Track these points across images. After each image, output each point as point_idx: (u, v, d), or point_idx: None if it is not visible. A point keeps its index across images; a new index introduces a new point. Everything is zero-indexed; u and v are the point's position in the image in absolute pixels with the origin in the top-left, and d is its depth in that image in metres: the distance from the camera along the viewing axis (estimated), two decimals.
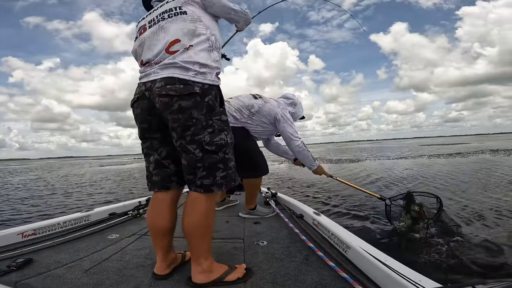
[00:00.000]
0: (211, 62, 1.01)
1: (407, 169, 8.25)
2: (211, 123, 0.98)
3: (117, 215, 2.01)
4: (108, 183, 9.29)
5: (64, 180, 11.00)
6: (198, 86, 0.96)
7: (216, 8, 1.08)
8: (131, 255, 1.31)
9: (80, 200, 5.76)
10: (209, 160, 0.98)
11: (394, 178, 6.56)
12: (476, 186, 5.01)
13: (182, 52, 0.97)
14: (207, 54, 1.01)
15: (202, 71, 0.98)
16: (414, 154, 14.81)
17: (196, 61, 0.97)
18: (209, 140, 0.97)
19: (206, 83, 0.98)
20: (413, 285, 0.82)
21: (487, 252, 2.26)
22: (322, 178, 2.84)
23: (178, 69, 0.96)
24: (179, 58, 0.96)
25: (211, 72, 1.00)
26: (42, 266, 1.17)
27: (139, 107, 1.04)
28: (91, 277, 1.08)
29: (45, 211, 4.69)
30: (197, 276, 1.01)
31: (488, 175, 6.20)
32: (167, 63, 0.96)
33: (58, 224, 1.70)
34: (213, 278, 1.01)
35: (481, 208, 3.55)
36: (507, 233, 2.68)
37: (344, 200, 4.70)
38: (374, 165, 10.27)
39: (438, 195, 2.32)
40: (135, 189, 7.19)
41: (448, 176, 6.34)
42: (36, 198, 6.24)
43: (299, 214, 1.88)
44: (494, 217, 3.16)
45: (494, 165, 8.14)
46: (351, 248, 1.19)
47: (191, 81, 0.95)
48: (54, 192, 7.18)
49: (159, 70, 0.98)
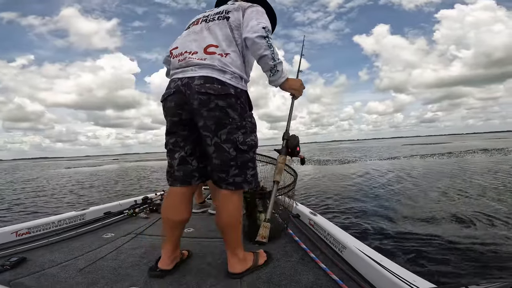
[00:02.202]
0: (243, 73, 1.08)
1: (428, 170, 7.67)
2: (244, 124, 1.05)
3: (113, 214, 2.00)
4: (49, 193, 7.29)
5: (7, 188, 9.28)
6: (233, 88, 1.03)
7: None
8: (127, 254, 1.30)
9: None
10: (242, 159, 1.04)
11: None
12: (479, 188, 5.05)
13: (220, 57, 1.04)
14: (241, 65, 1.08)
15: (236, 76, 1.05)
16: (406, 154, 14.67)
17: (231, 69, 1.04)
18: (242, 140, 1.04)
19: (239, 87, 1.05)
20: (407, 285, 0.82)
21: (481, 254, 2.29)
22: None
23: (216, 71, 1.02)
24: (217, 62, 1.02)
25: (242, 80, 1.08)
26: (36, 265, 1.16)
27: (173, 100, 1.06)
28: (86, 276, 1.07)
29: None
30: (236, 266, 1.09)
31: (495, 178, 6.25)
32: (205, 63, 1.02)
33: (52, 223, 1.69)
34: (248, 265, 1.11)
35: (481, 210, 3.59)
36: (502, 236, 2.71)
37: (340, 200, 4.73)
38: (374, 166, 10.07)
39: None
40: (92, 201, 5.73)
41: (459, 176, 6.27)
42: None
43: (295, 214, 1.88)
44: (492, 219, 3.20)
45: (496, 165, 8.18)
46: (347, 248, 1.19)
47: (228, 83, 1.02)
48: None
49: (197, 69, 1.03)
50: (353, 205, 4.33)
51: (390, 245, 2.58)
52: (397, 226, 3.17)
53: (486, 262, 2.13)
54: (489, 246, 2.42)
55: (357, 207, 4.14)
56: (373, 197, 4.72)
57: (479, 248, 2.40)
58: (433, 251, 2.40)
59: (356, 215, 3.70)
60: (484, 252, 2.31)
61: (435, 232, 2.83)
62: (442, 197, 4.44)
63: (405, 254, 2.37)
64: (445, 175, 6.53)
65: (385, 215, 3.63)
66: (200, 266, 1.16)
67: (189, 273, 1.10)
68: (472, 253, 2.31)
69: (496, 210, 3.45)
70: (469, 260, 2.17)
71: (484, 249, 2.36)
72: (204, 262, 1.20)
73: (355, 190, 5.46)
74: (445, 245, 2.52)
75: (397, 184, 5.79)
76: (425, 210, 3.74)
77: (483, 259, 2.20)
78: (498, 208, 3.52)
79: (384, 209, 3.91)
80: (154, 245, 1.42)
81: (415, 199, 4.39)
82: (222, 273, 1.09)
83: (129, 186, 8.26)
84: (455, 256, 2.26)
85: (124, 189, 7.50)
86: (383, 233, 2.95)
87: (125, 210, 2.06)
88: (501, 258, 2.18)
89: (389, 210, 3.87)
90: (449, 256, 2.27)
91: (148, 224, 1.79)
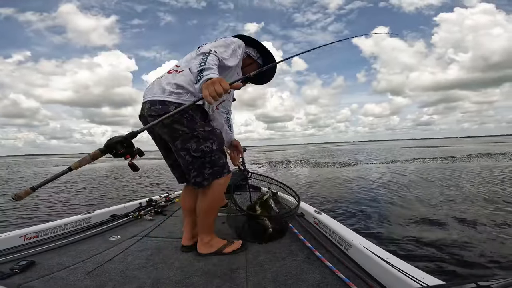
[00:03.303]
0: (191, 87, 1.15)
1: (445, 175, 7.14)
2: (196, 134, 1.16)
3: (118, 217, 2.01)
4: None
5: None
6: (174, 105, 1.12)
7: None
8: (133, 256, 1.31)
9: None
10: (197, 164, 1.19)
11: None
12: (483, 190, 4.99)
13: (169, 74, 1.20)
14: (186, 78, 1.16)
15: (178, 92, 1.14)
16: (407, 158, 14.13)
17: (172, 85, 1.15)
18: (195, 147, 1.17)
19: (180, 102, 1.13)
20: (415, 282, 0.82)
21: (490, 251, 2.26)
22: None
23: (159, 91, 1.16)
24: (163, 80, 1.19)
25: (188, 93, 1.15)
26: (44, 268, 1.17)
27: (142, 123, 1.25)
28: (94, 279, 1.08)
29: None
30: (200, 248, 1.30)
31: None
32: (153, 87, 1.20)
33: (59, 226, 1.70)
34: (212, 250, 1.29)
35: (489, 209, 3.56)
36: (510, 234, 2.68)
37: (345, 198, 4.71)
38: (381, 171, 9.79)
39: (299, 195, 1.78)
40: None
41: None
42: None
43: (300, 212, 1.87)
44: (502, 218, 3.17)
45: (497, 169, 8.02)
46: (352, 246, 1.19)
47: (167, 101, 1.13)
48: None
49: (148, 94, 1.20)
50: (359, 201, 4.32)
51: (396, 242, 2.57)
52: (404, 227, 3.15)
53: (498, 259, 2.11)
54: (502, 245, 2.39)
55: (363, 204, 4.12)
56: (386, 200, 4.56)
57: (492, 244, 2.37)
58: (441, 247, 2.38)
59: (362, 213, 3.68)
60: (497, 248, 2.28)
61: (443, 232, 2.81)
62: (450, 200, 4.40)
63: (412, 251, 2.35)
64: (452, 179, 6.37)
65: (393, 216, 3.60)
66: (206, 267, 1.16)
67: (195, 274, 1.10)
68: (484, 249, 2.28)
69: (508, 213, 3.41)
70: (479, 257, 2.15)
71: (497, 246, 2.33)
72: (210, 263, 1.21)
73: (364, 193, 5.37)
74: (454, 241, 2.49)
75: (405, 187, 5.62)
76: (435, 211, 3.70)
77: (494, 255, 2.17)
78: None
79: (393, 211, 3.86)
80: (160, 247, 1.43)
81: (427, 201, 4.31)
82: (228, 273, 1.10)
83: (111, 192, 6.81)
84: (465, 253, 2.24)
85: (102, 196, 6.14)
86: (389, 229, 2.93)
87: (130, 212, 2.07)
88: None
89: (397, 211, 3.84)
90: (459, 252, 2.25)
91: (153, 226, 1.80)
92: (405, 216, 3.42)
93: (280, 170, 10.89)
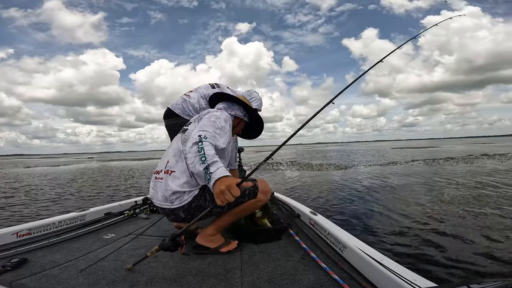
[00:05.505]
0: (192, 179, 1.21)
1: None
2: (211, 210, 1.19)
3: (113, 215, 2.00)
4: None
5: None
6: (181, 209, 1.22)
7: None
8: (127, 254, 1.30)
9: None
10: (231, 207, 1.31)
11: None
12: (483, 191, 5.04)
13: (161, 183, 1.27)
14: (190, 175, 1.21)
15: (180, 192, 1.21)
16: (406, 160, 13.99)
17: (171, 191, 1.21)
18: (220, 210, 1.27)
19: (185, 203, 1.21)
20: (408, 284, 0.82)
21: (482, 253, 2.29)
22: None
23: (164, 201, 1.24)
24: (163, 188, 1.26)
25: (192, 188, 1.21)
26: (37, 266, 1.16)
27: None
28: (87, 277, 1.07)
29: None
30: (200, 239, 1.31)
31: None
32: (159, 196, 1.28)
33: (53, 224, 1.68)
34: (209, 245, 1.30)
35: (483, 212, 3.60)
36: (503, 235, 2.71)
37: (341, 200, 4.73)
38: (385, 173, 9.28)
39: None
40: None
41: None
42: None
43: (296, 213, 1.88)
44: (493, 221, 3.21)
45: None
46: (347, 247, 1.19)
47: (174, 209, 1.22)
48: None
49: (153, 193, 1.33)
50: (355, 203, 4.34)
51: (390, 243, 2.59)
52: (399, 229, 3.17)
53: (489, 261, 2.14)
54: (492, 246, 2.42)
55: (358, 206, 4.15)
56: (381, 202, 4.62)
57: (484, 247, 2.40)
58: (434, 249, 2.40)
59: (358, 214, 3.71)
60: (485, 252, 2.31)
61: (436, 234, 2.84)
62: (446, 201, 4.45)
63: (406, 253, 2.37)
64: (447, 179, 6.44)
65: (388, 218, 3.63)
66: (201, 267, 1.16)
67: (190, 273, 1.10)
68: (476, 252, 2.31)
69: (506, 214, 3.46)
70: (472, 259, 2.18)
71: (488, 249, 2.36)
72: (205, 262, 1.20)
73: (359, 195, 5.42)
74: (447, 244, 2.52)
75: (400, 189, 5.69)
76: (430, 214, 3.74)
77: (486, 258, 2.20)
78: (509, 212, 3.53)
79: (388, 213, 3.89)
80: (155, 245, 1.42)
81: (422, 203, 4.37)
82: (223, 273, 1.10)
83: (109, 190, 6.72)
84: (457, 255, 2.27)
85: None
86: (384, 231, 2.95)
87: (125, 211, 2.06)
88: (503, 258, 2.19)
89: (393, 213, 3.86)
90: (451, 254, 2.28)
91: (149, 225, 1.79)
92: (400, 218, 3.46)
93: (271, 172, 10.86)
